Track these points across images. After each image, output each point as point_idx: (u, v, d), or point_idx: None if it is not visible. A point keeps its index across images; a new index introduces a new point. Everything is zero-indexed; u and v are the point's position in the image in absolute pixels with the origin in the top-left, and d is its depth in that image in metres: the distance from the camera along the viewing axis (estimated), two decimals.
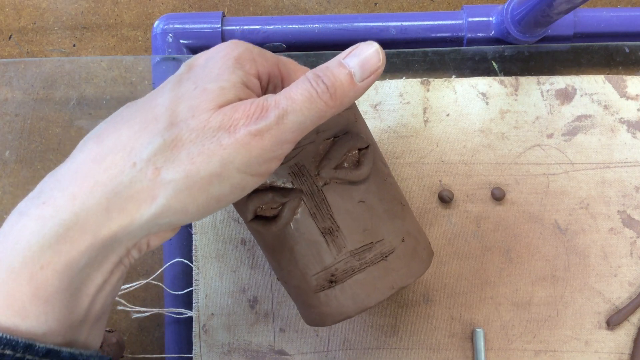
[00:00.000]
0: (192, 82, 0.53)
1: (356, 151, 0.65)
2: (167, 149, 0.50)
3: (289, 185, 0.64)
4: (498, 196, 0.82)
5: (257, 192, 0.64)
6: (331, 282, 0.65)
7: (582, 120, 0.84)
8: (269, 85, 0.58)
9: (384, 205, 0.66)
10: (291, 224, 0.64)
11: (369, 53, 0.55)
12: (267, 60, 0.57)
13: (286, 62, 0.61)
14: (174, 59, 0.89)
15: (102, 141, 0.52)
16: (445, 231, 0.83)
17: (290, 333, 0.82)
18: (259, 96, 0.55)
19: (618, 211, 0.82)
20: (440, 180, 0.83)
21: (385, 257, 0.65)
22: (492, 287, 0.82)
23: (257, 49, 0.57)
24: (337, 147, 0.64)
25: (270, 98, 0.52)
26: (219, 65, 0.54)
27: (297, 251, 0.65)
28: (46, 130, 0.92)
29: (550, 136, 0.84)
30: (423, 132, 0.84)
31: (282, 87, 0.58)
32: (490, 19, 0.92)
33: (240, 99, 0.53)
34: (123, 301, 0.84)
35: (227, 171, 0.51)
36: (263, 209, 0.66)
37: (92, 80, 0.93)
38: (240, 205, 0.67)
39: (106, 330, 0.82)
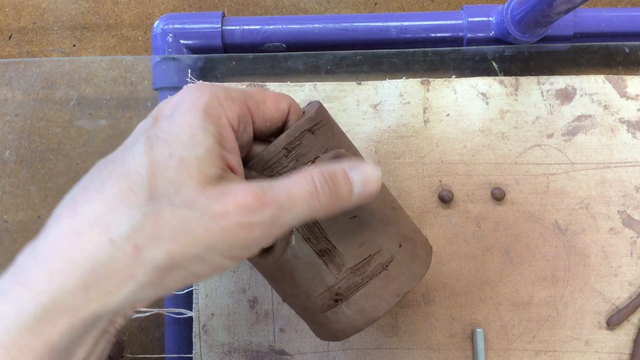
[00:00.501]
0: (164, 145, 0.51)
1: None
2: (147, 225, 0.48)
3: None
4: (498, 196, 0.81)
5: None
6: (336, 300, 0.65)
7: (582, 120, 0.84)
8: (239, 125, 0.57)
9: (376, 215, 0.65)
10: (288, 251, 0.63)
11: (372, 175, 0.56)
12: (235, 101, 0.56)
13: (253, 95, 0.59)
14: (174, 59, 0.88)
15: (76, 213, 0.50)
16: (446, 231, 0.83)
17: (290, 333, 0.82)
18: (231, 150, 0.55)
19: (618, 211, 0.82)
20: (440, 180, 0.83)
21: (386, 266, 0.64)
22: (492, 287, 0.82)
23: (222, 91, 0.56)
24: None
25: (268, 191, 0.51)
26: (189, 122, 0.52)
27: (298, 276, 0.65)
28: (46, 130, 0.92)
29: (550, 136, 0.83)
30: (423, 132, 0.84)
31: (253, 123, 0.59)
32: (490, 19, 0.91)
33: (221, 170, 0.52)
34: None
35: (210, 254, 0.50)
36: None
37: (92, 80, 0.93)
38: None
39: None
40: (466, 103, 0.84)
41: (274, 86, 0.86)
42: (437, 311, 0.82)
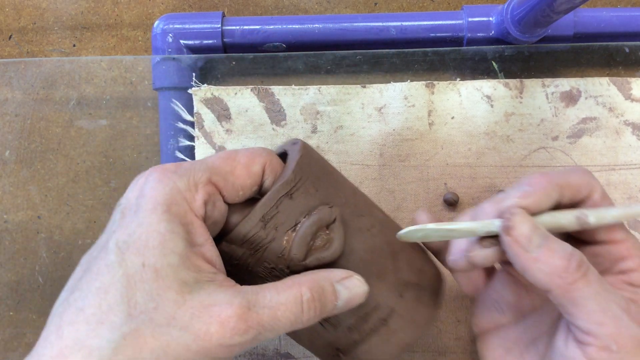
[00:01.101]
0: (136, 255, 0.49)
1: (324, 229, 0.58)
2: (127, 348, 0.47)
3: None
4: None
5: None
6: (338, 355, 0.62)
7: (587, 122, 0.81)
8: (207, 208, 0.55)
9: (371, 268, 0.60)
10: None
11: (358, 291, 0.56)
12: (198, 186, 0.54)
13: (220, 167, 0.56)
14: (174, 59, 0.86)
15: (62, 335, 0.48)
16: None
17: None
18: (204, 242, 0.53)
19: None
20: (445, 183, 0.80)
21: (385, 321, 0.60)
22: None
23: (184, 180, 0.53)
24: (301, 237, 0.57)
25: (253, 308, 0.50)
26: (155, 227, 0.50)
27: (299, 332, 0.62)
28: (46, 130, 0.91)
29: (555, 139, 0.81)
30: (428, 135, 0.81)
31: (223, 197, 0.57)
32: (490, 19, 0.89)
33: (197, 272, 0.50)
34: None
35: None
36: None
37: (92, 80, 0.91)
38: None
39: None
40: (471, 106, 0.82)
41: (278, 90, 0.83)
42: (443, 314, 0.80)
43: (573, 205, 0.58)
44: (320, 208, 0.58)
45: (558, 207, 0.57)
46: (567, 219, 0.56)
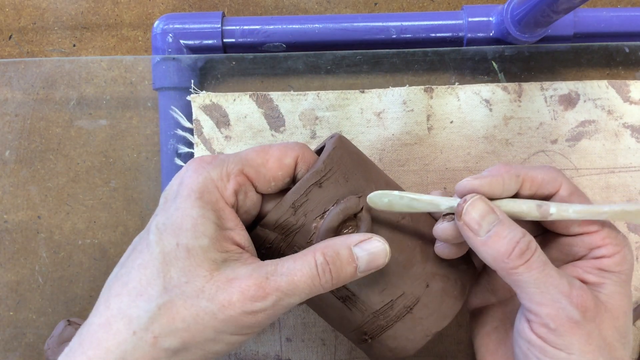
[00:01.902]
0: (171, 236, 0.55)
1: (352, 217, 0.61)
2: (162, 315, 0.53)
3: None
4: None
5: None
6: (365, 339, 0.64)
7: (585, 125, 0.81)
8: (238, 197, 0.60)
9: (398, 258, 0.62)
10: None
11: (378, 251, 0.57)
12: (230, 176, 0.59)
13: (252, 159, 0.61)
14: (174, 59, 0.86)
15: (109, 305, 0.54)
16: None
17: (296, 342, 0.80)
18: (234, 227, 0.58)
19: None
20: (444, 188, 0.80)
21: (410, 309, 0.62)
22: None
23: (216, 170, 0.58)
24: (328, 224, 0.59)
25: (271, 277, 0.54)
26: (189, 212, 0.56)
27: (329, 315, 0.65)
28: (46, 130, 0.91)
29: (554, 142, 0.81)
30: (427, 140, 0.81)
31: (255, 187, 0.61)
32: (490, 19, 0.88)
33: (225, 253, 0.55)
34: None
35: (221, 336, 0.54)
36: None
37: (92, 80, 0.91)
38: None
39: None
40: (470, 110, 0.81)
41: (277, 95, 0.83)
42: None
43: (539, 199, 0.61)
44: (349, 197, 0.60)
45: (521, 197, 0.61)
46: (528, 205, 0.59)
